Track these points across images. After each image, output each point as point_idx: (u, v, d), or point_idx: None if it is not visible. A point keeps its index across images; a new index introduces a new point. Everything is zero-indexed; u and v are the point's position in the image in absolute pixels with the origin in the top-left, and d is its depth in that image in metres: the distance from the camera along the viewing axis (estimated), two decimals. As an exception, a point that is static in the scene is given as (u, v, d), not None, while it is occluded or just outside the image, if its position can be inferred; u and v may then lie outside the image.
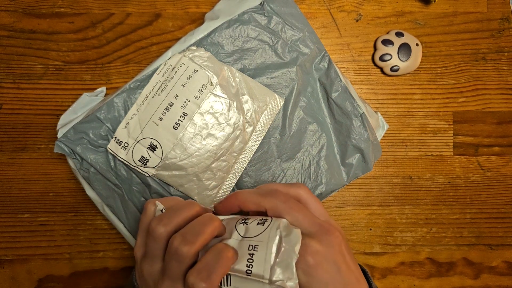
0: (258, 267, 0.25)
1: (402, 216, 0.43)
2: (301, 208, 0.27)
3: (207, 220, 0.27)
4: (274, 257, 0.25)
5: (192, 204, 0.29)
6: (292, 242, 0.25)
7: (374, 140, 0.39)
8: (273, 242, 0.25)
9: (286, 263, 0.24)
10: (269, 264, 0.24)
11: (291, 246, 0.25)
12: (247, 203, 0.28)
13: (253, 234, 0.26)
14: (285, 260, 0.24)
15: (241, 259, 0.26)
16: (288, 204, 0.27)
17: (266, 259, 0.25)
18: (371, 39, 0.43)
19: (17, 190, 0.41)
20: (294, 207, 0.27)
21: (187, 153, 0.34)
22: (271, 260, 0.25)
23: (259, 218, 0.28)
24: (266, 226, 0.26)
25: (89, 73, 0.41)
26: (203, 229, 0.26)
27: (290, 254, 0.25)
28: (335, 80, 0.37)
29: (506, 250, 0.43)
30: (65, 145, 0.34)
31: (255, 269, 0.25)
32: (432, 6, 0.43)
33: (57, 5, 0.41)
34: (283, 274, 0.24)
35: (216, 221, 0.27)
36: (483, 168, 0.43)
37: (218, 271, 0.25)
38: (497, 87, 0.43)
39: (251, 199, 0.28)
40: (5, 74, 0.40)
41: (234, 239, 0.27)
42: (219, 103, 0.34)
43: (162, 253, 0.27)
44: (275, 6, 0.36)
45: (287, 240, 0.25)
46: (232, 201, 0.29)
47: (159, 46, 0.41)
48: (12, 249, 0.41)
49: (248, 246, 0.26)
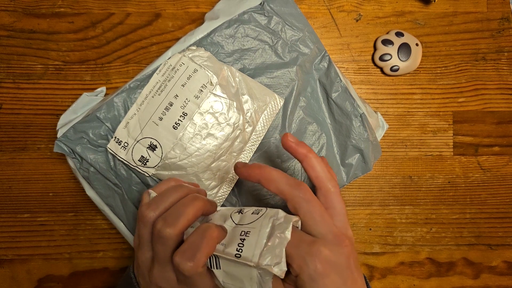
0: (247, 251, 0.25)
1: (402, 216, 0.43)
2: (321, 213, 0.26)
3: (189, 201, 0.28)
4: (265, 243, 0.25)
5: (180, 187, 0.29)
6: (283, 228, 0.25)
7: (374, 140, 0.39)
8: (266, 229, 0.25)
9: (277, 249, 0.24)
10: (259, 249, 0.24)
11: (282, 233, 0.25)
12: (270, 183, 0.28)
13: (247, 221, 0.27)
14: (275, 247, 0.24)
15: (232, 243, 0.26)
16: (310, 204, 0.26)
17: (257, 244, 0.25)
18: (371, 39, 0.43)
19: (17, 190, 0.41)
20: (315, 211, 0.26)
21: (187, 153, 0.34)
22: (262, 245, 0.25)
23: (255, 208, 0.28)
24: (261, 215, 0.27)
25: (89, 73, 0.41)
26: (185, 210, 0.27)
27: (282, 241, 0.24)
28: (335, 80, 0.37)
29: (506, 250, 0.43)
30: (65, 145, 0.34)
31: (245, 253, 0.25)
32: (432, 6, 0.43)
33: (57, 5, 0.41)
34: (272, 259, 0.24)
35: (199, 201, 0.28)
36: (483, 168, 0.43)
37: (203, 250, 0.25)
38: (497, 87, 0.43)
39: (276, 182, 0.27)
40: (5, 74, 0.40)
41: (227, 225, 0.28)
42: (219, 103, 0.34)
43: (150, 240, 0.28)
44: (275, 6, 0.36)
45: (280, 227, 0.25)
46: (255, 172, 0.28)
47: (159, 46, 0.41)
48: (12, 249, 0.41)
49: (241, 232, 0.26)
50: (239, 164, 0.30)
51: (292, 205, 0.27)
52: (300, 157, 0.29)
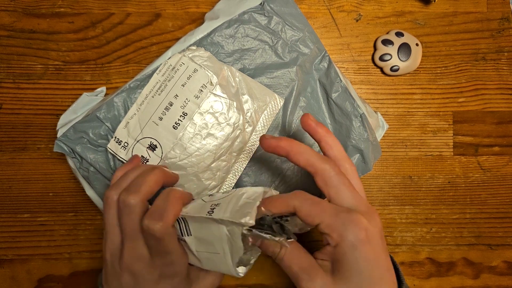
0: (218, 213, 0.25)
1: (402, 216, 0.43)
2: (351, 186, 0.27)
3: (148, 170, 0.28)
4: (235, 206, 0.25)
5: (139, 166, 0.30)
6: (254, 195, 0.25)
7: (374, 141, 0.39)
8: (236, 197, 0.26)
9: (246, 209, 0.24)
10: (228, 212, 0.25)
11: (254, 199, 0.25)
12: (300, 156, 0.28)
13: (217, 198, 0.27)
14: (245, 207, 0.24)
15: (202, 211, 0.26)
16: (340, 177, 0.27)
17: (227, 208, 0.25)
18: (371, 39, 0.43)
19: (17, 190, 0.41)
20: (346, 183, 0.27)
21: (187, 153, 0.34)
22: (231, 208, 0.25)
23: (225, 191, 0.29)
24: (231, 192, 0.27)
25: (89, 73, 0.41)
26: (145, 178, 0.28)
27: (252, 203, 0.24)
28: (335, 81, 0.37)
29: (506, 250, 0.43)
30: (65, 144, 0.34)
31: (215, 215, 0.25)
32: (432, 6, 0.43)
33: (57, 5, 0.41)
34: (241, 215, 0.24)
35: (159, 170, 0.29)
36: (483, 168, 0.43)
37: (169, 209, 0.26)
38: (497, 87, 0.43)
39: (306, 154, 0.27)
40: (5, 74, 0.40)
41: (197, 203, 0.28)
42: (219, 103, 0.34)
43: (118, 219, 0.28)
44: (275, 6, 0.36)
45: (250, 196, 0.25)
46: (284, 144, 0.28)
47: (159, 46, 0.41)
48: (12, 249, 0.41)
49: (211, 205, 0.26)
50: (267, 135, 0.29)
51: (321, 178, 0.27)
52: (318, 136, 0.29)
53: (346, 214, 0.25)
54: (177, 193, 0.27)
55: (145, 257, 0.27)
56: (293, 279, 0.26)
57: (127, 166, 0.32)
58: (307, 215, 0.25)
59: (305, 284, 0.25)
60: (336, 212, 0.25)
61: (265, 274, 0.42)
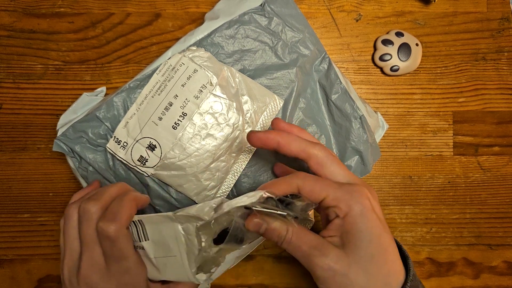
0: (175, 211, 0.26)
1: (402, 216, 0.43)
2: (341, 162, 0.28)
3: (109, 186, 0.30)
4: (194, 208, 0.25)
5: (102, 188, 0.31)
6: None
7: (373, 143, 0.39)
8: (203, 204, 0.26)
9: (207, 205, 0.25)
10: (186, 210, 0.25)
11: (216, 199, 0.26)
12: (291, 144, 0.28)
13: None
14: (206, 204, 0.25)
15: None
16: (331, 157, 0.28)
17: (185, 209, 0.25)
18: (371, 39, 0.43)
19: (17, 190, 0.41)
20: (338, 162, 0.28)
21: (186, 153, 0.34)
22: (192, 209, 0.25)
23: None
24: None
25: (89, 73, 0.41)
26: (105, 190, 0.29)
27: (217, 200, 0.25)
28: (335, 82, 0.37)
29: (506, 250, 0.43)
30: (64, 144, 0.34)
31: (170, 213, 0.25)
32: (432, 6, 0.43)
33: (57, 5, 0.41)
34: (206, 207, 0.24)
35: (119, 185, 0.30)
36: (483, 168, 0.43)
37: (123, 211, 0.27)
38: (497, 87, 0.43)
39: (296, 142, 0.28)
40: (5, 74, 0.40)
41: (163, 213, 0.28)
42: (219, 104, 0.34)
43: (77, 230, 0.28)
44: (276, 7, 0.36)
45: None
46: (272, 137, 0.28)
47: (159, 46, 0.41)
48: (12, 249, 0.41)
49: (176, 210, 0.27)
50: (254, 130, 0.29)
51: (315, 161, 0.27)
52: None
53: (349, 186, 0.26)
54: (131, 196, 0.28)
55: (101, 265, 0.27)
56: (303, 258, 0.26)
57: (86, 190, 0.33)
58: (311, 191, 0.26)
59: (318, 260, 0.25)
60: (339, 185, 0.26)
61: (265, 274, 0.42)
